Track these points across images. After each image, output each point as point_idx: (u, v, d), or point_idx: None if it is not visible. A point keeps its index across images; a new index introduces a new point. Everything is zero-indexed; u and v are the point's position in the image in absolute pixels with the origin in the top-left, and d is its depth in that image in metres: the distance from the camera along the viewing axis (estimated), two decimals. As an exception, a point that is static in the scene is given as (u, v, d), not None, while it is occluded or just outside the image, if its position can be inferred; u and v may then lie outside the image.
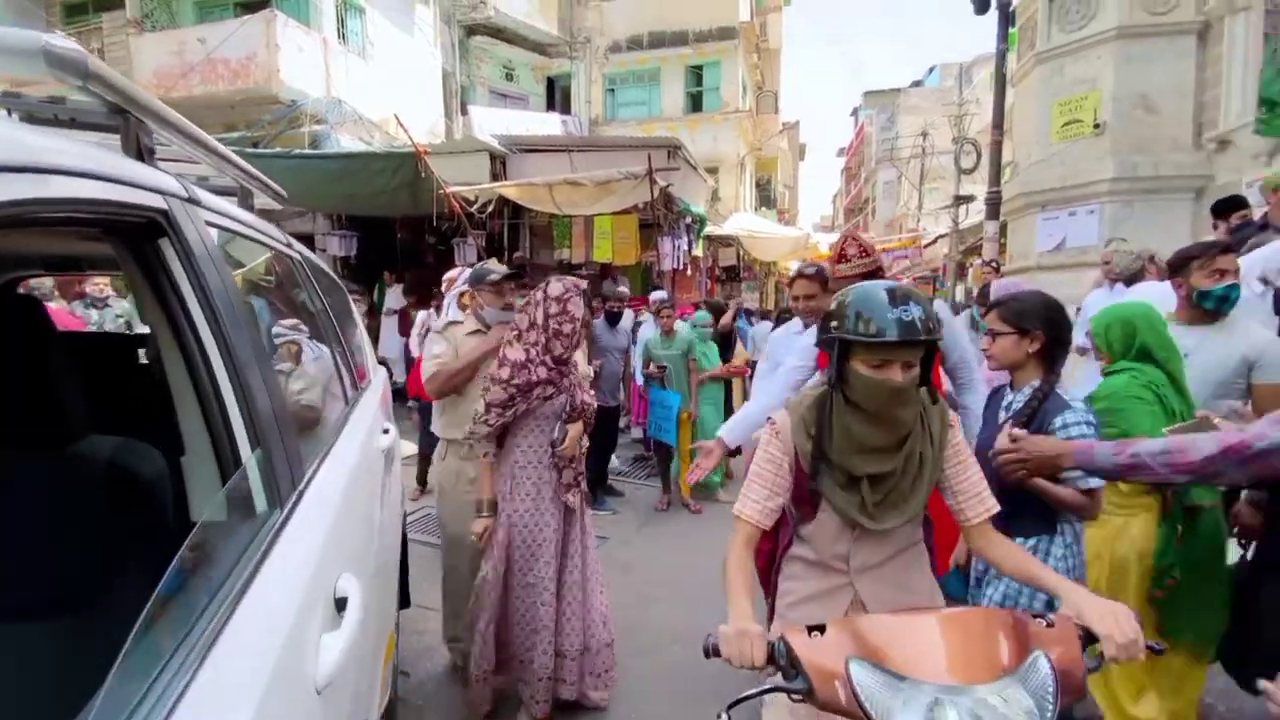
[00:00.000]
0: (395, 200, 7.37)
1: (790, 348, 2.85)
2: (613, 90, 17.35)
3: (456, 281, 3.99)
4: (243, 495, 0.98)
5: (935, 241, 18.87)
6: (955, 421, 1.47)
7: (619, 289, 5.99)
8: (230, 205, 1.46)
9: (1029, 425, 1.75)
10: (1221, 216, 3.90)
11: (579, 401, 2.38)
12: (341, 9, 11.42)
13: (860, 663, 0.97)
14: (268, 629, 0.82)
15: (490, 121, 11.33)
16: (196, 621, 0.74)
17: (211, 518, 0.88)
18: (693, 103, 16.89)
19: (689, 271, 9.99)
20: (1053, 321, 1.80)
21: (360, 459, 1.66)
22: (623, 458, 6.27)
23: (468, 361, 2.60)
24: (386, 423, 2.24)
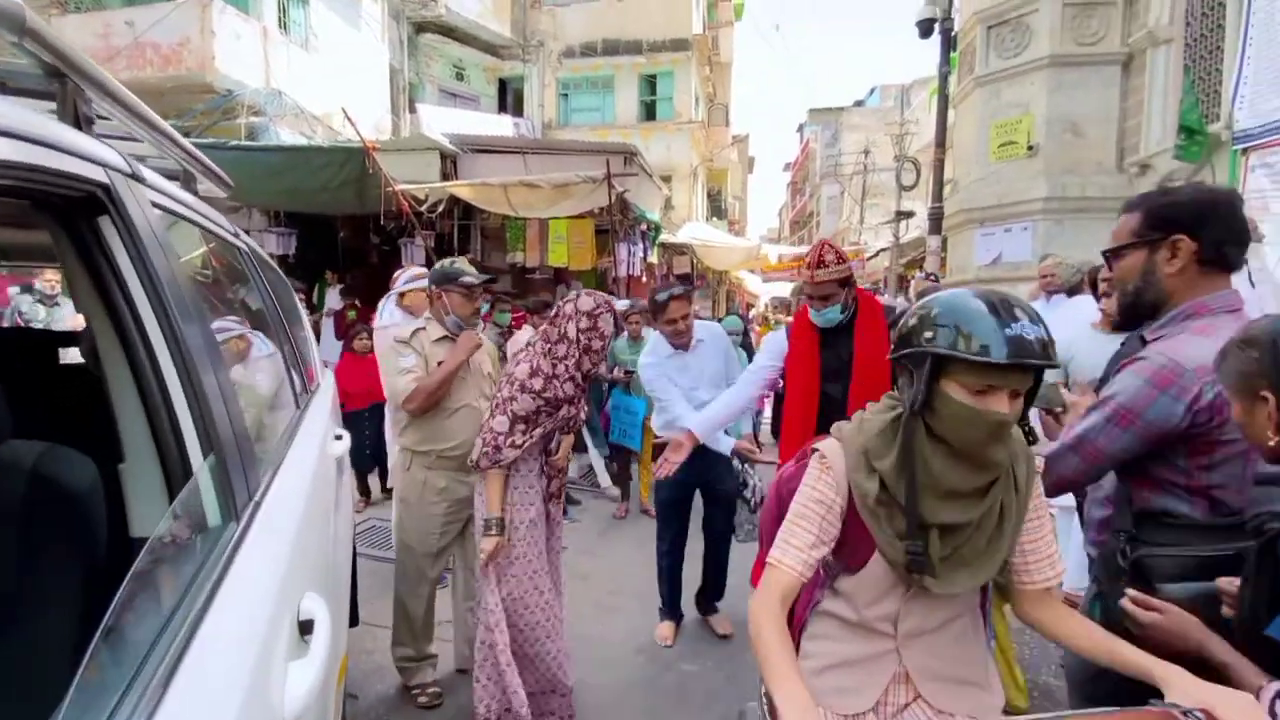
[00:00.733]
0: (340, 197, 7.06)
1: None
2: (566, 95, 17.26)
3: (398, 283, 3.70)
4: (194, 508, 0.87)
5: (877, 255, 19.54)
6: (1042, 468, 1.32)
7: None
8: (175, 188, 1.33)
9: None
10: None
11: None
12: (283, -3, 10.94)
13: None
14: (230, 661, 0.71)
15: (440, 121, 11.04)
16: (148, 655, 0.63)
17: (161, 534, 0.77)
18: (647, 111, 16.98)
19: (644, 278, 9.99)
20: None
21: (317, 465, 1.53)
22: (578, 465, 6.17)
23: (446, 373, 2.41)
24: (338, 428, 2.11)
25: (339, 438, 2.02)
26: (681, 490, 3.07)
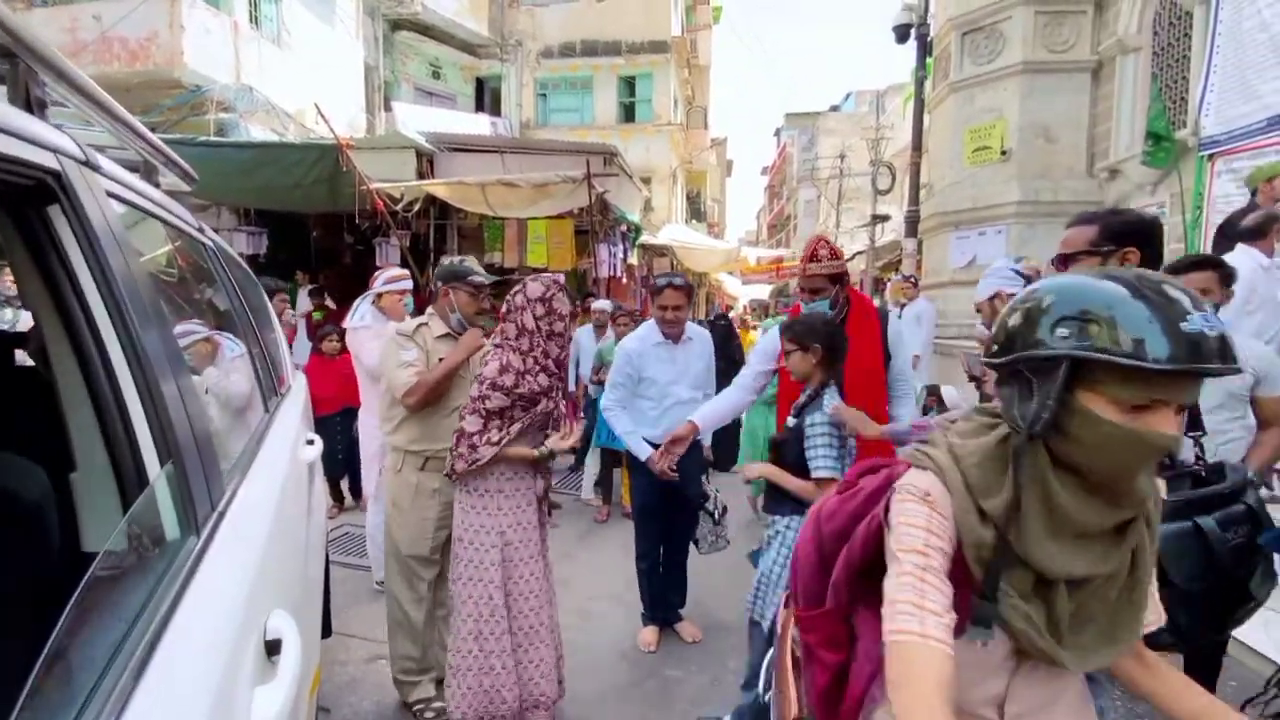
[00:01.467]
0: (313, 196, 6.90)
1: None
2: (545, 95, 17.16)
3: (376, 283, 3.62)
4: (150, 520, 0.81)
5: (853, 258, 19.77)
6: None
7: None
8: (135, 179, 1.25)
9: (801, 414, 2.11)
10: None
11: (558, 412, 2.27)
12: (254, -8, 10.69)
13: None
14: (187, 690, 0.66)
15: (415, 119, 10.88)
16: (97, 685, 0.57)
17: (112, 548, 0.71)
18: (626, 113, 16.96)
19: (624, 280, 9.95)
20: (829, 335, 2.14)
21: (287, 473, 1.46)
22: (557, 469, 6.10)
23: (448, 369, 2.35)
24: (310, 433, 2.03)
25: (310, 442, 1.94)
26: (659, 496, 3.05)
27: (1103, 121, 8.27)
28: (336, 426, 4.51)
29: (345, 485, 4.91)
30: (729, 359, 5.18)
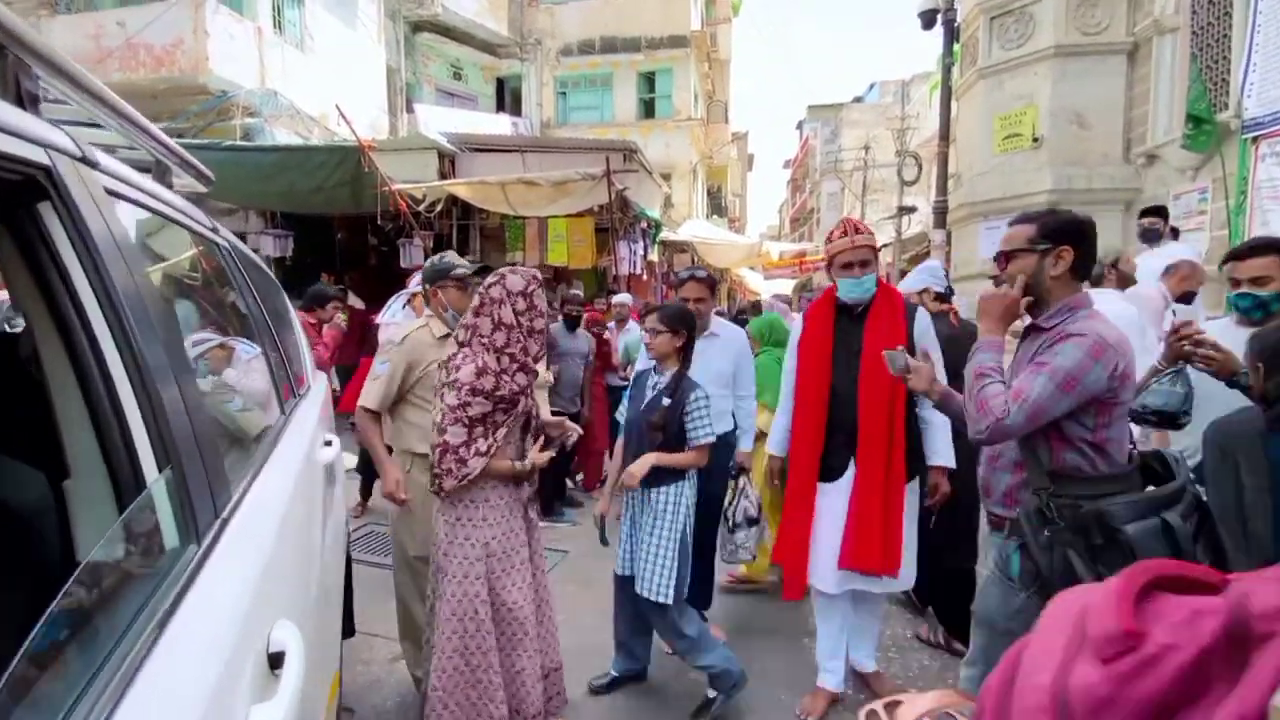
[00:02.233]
0: (335, 197, 6.97)
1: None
2: (564, 93, 17.16)
3: (411, 283, 3.64)
4: (146, 528, 0.77)
5: (879, 250, 19.42)
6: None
7: (573, 292, 5.81)
8: (142, 178, 1.23)
9: (673, 396, 2.36)
10: (1142, 217, 4.61)
11: (536, 417, 2.21)
12: (278, -3, 10.85)
13: None
14: (176, 705, 0.62)
15: (437, 120, 10.95)
16: (81, 696, 0.54)
17: (100, 558, 0.67)
18: (645, 109, 16.87)
19: (645, 276, 9.90)
20: (692, 326, 2.44)
21: (300, 476, 1.44)
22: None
23: (375, 455, 2.40)
24: (329, 434, 2.01)
25: (329, 444, 1.93)
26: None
27: (1139, 105, 7.97)
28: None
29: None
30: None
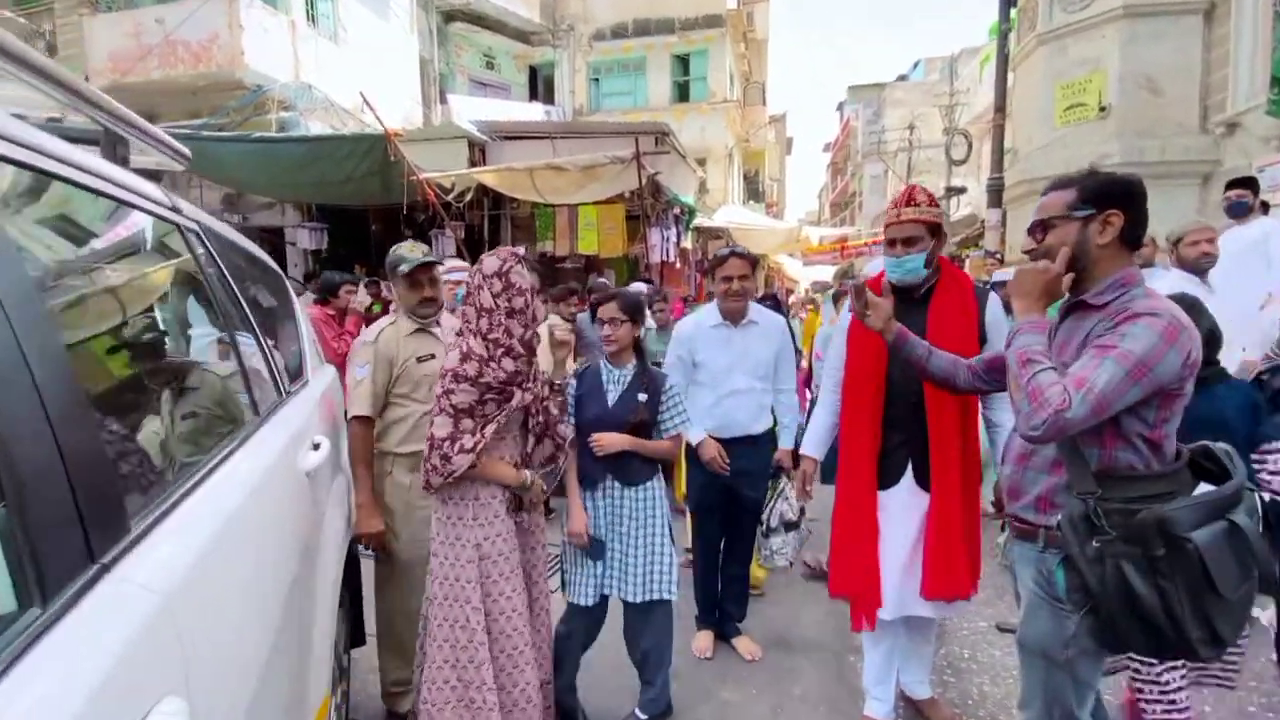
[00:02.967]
0: (365, 188, 6.89)
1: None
2: (597, 79, 16.90)
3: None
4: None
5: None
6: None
7: (601, 280, 5.60)
8: (58, 143, 1.04)
9: (648, 391, 2.23)
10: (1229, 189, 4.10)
11: (554, 424, 2.04)
12: (311, -9, 10.87)
13: None
14: None
15: (470, 111, 10.83)
16: None
17: None
18: (680, 92, 16.48)
19: (678, 264, 9.61)
20: (642, 312, 2.32)
21: (261, 491, 1.24)
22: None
23: (359, 479, 2.24)
24: (320, 435, 1.82)
25: (317, 446, 1.74)
26: (717, 493, 2.77)
27: (1217, 69, 7.27)
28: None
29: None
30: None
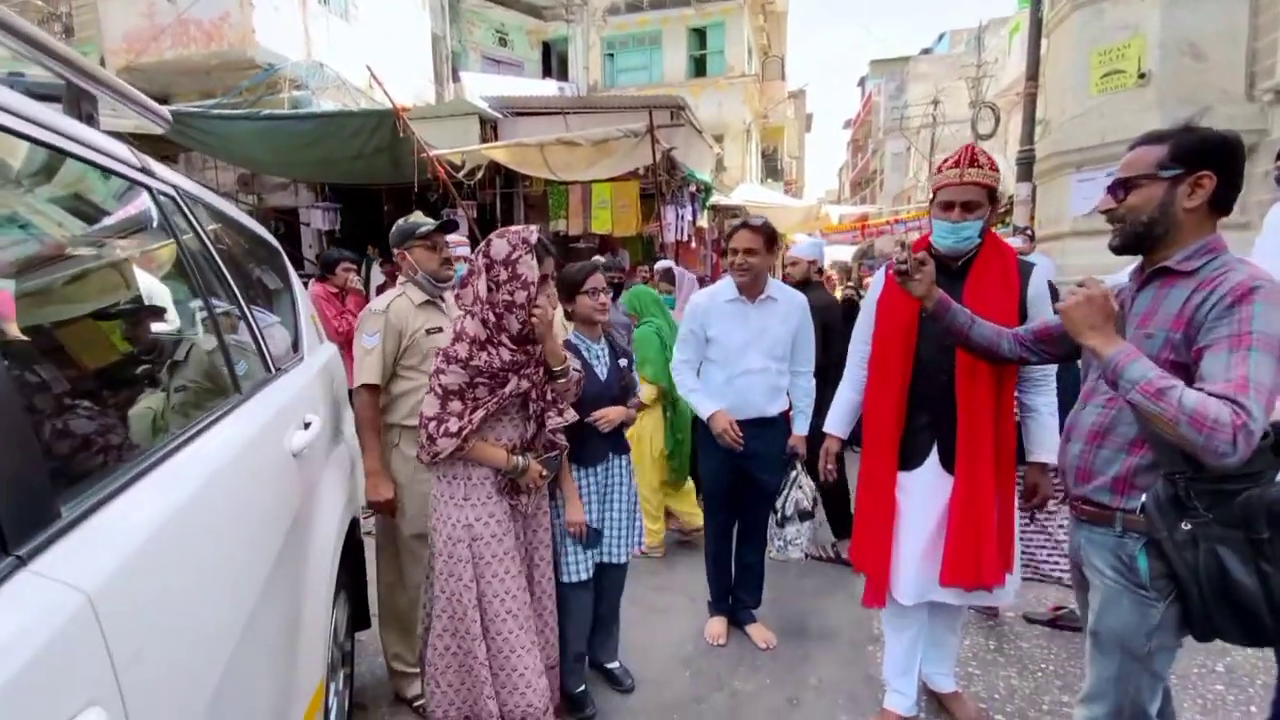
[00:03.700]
0: (374, 166, 6.78)
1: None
2: (612, 55, 16.57)
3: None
4: None
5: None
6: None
7: (619, 260, 5.47)
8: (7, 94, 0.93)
9: (625, 356, 2.32)
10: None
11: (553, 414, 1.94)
12: (322, -33, 10.70)
13: None
14: None
15: (483, 88, 10.66)
16: None
17: None
18: (696, 67, 16.10)
19: (693, 243, 9.42)
20: None
21: (229, 473, 1.15)
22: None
23: (368, 446, 2.21)
24: (313, 414, 1.74)
25: (308, 425, 1.66)
26: (730, 477, 2.67)
27: (1266, 34, 6.86)
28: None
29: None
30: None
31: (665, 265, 5.17)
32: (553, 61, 16.74)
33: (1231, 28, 6.90)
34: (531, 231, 1.82)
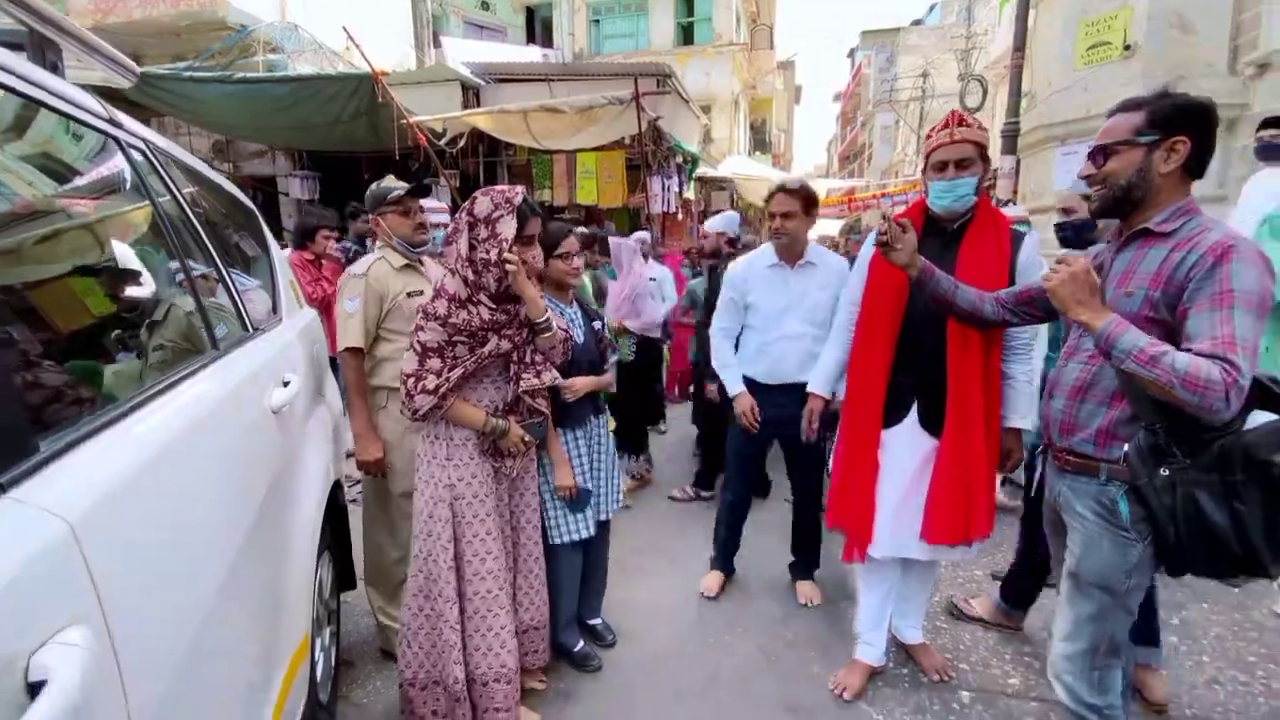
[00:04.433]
0: (353, 132, 6.66)
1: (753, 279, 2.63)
2: (597, 21, 16.22)
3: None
4: None
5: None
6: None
7: (605, 232, 5.42)
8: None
9: (599, 319, 2.34)
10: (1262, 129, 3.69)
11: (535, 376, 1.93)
12: (296, -76, 10.30)
13: None
14: None
15: (464, 54, 10.41)
16: None
17: None
18: (684, 34, 15.83)
19: (680, 215, 9.38)
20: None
21: (209, 422, 1.17)
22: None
23: (357, 409, 2.22)
24: (292, 374, 1.75)
25: (287, 383, 1.67)
26: (755, 443, 2.70)
27: (1250, 6, 6.86)
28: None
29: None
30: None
31: (641, 236, 5.14)
32: (537, 28, 16.37)
33: (1216, 1, 6.89)
34: (517, 192, 1.81)
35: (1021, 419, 2.05)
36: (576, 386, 2.14)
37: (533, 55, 13.24)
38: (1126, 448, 1.40)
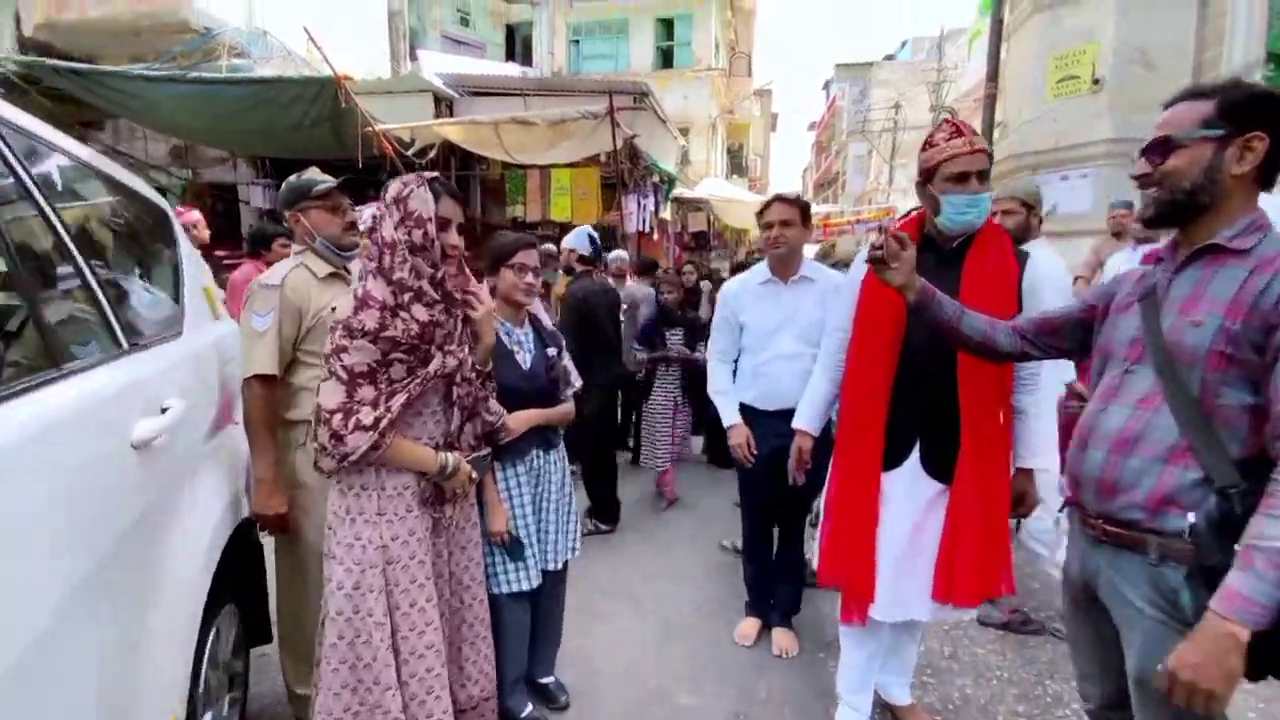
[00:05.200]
0: (315, 139, 6.36)
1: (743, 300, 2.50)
2: (577, 41, 16.25)
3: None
4: None
5: (909, 215, 18.44)
6: None
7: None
8: None
9: (555, 343, 2.08)
10: None
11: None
12: (268, -70, 10.06)
13: None
14: None
15: (441, 68, 10.22)
16: None
17: None
18: (663, 58, 15.93)
19: (655, 235, 9.23)
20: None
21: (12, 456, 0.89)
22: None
23: (259, 448, 1.86)
24: (175, 399, 1.46)
25: (164, 410, 1.38)
26: (768, 483, 2.45)
27: (1212, 46, 7.04)
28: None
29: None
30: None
31: (618, 254, 4.94)
32: (516, 46, 16.32)
33: (1180, 39, 7.05)
34: (433, 174, 1.57)
35: (1035, 458, 1.84)
36: (513, 426, 1.85)
37: (511, 72, 13.12)
38: (1192, 517, 1.11)
